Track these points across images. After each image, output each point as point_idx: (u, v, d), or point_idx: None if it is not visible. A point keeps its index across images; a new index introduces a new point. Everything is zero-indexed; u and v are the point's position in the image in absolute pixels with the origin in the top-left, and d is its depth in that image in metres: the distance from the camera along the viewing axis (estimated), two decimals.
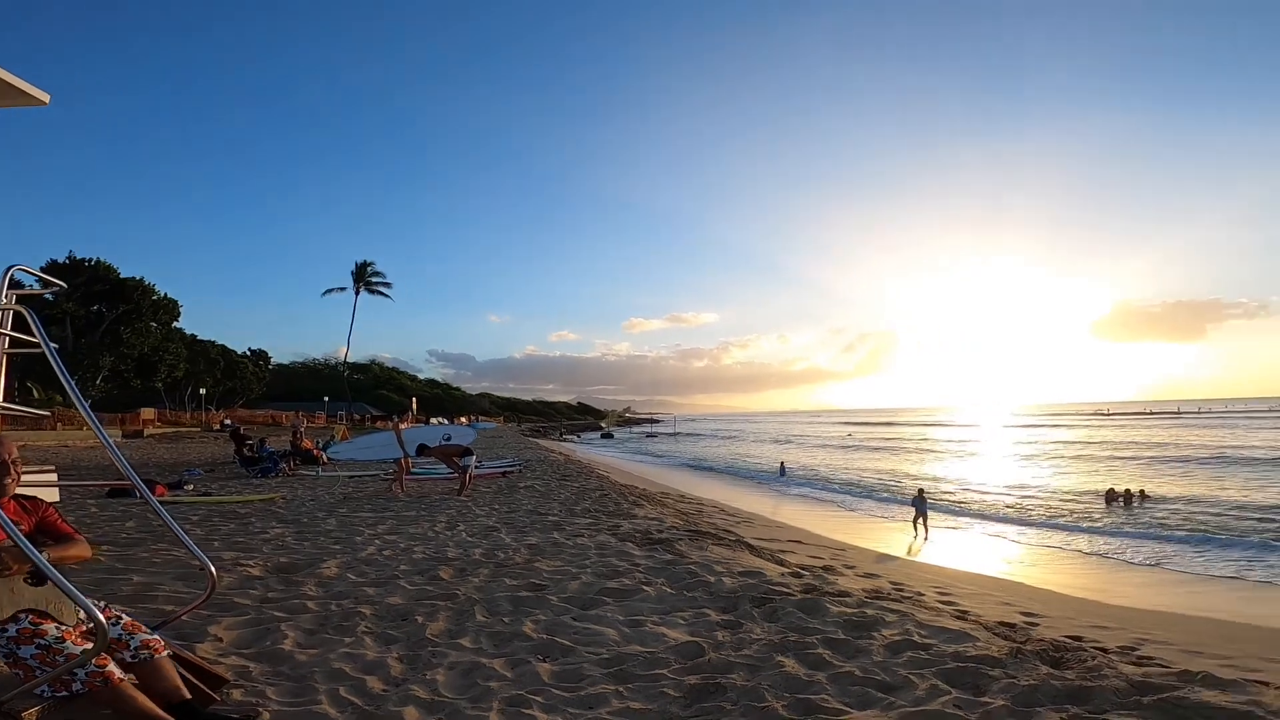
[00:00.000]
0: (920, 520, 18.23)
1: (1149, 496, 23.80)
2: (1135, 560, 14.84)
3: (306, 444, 24.58)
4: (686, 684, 4.37)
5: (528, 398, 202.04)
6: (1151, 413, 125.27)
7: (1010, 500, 26.04)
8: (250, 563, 8.07)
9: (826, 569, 10.10)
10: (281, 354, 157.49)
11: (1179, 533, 18.02)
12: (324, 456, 24.69)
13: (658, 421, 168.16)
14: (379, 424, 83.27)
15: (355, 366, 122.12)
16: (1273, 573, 13.07)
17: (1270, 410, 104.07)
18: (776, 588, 6.59)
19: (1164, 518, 20.39)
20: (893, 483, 31.24)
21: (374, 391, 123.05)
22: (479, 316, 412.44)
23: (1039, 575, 13.59)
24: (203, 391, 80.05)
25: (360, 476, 20.11)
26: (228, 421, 43.82)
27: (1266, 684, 5.41)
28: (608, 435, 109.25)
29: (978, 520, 21.41)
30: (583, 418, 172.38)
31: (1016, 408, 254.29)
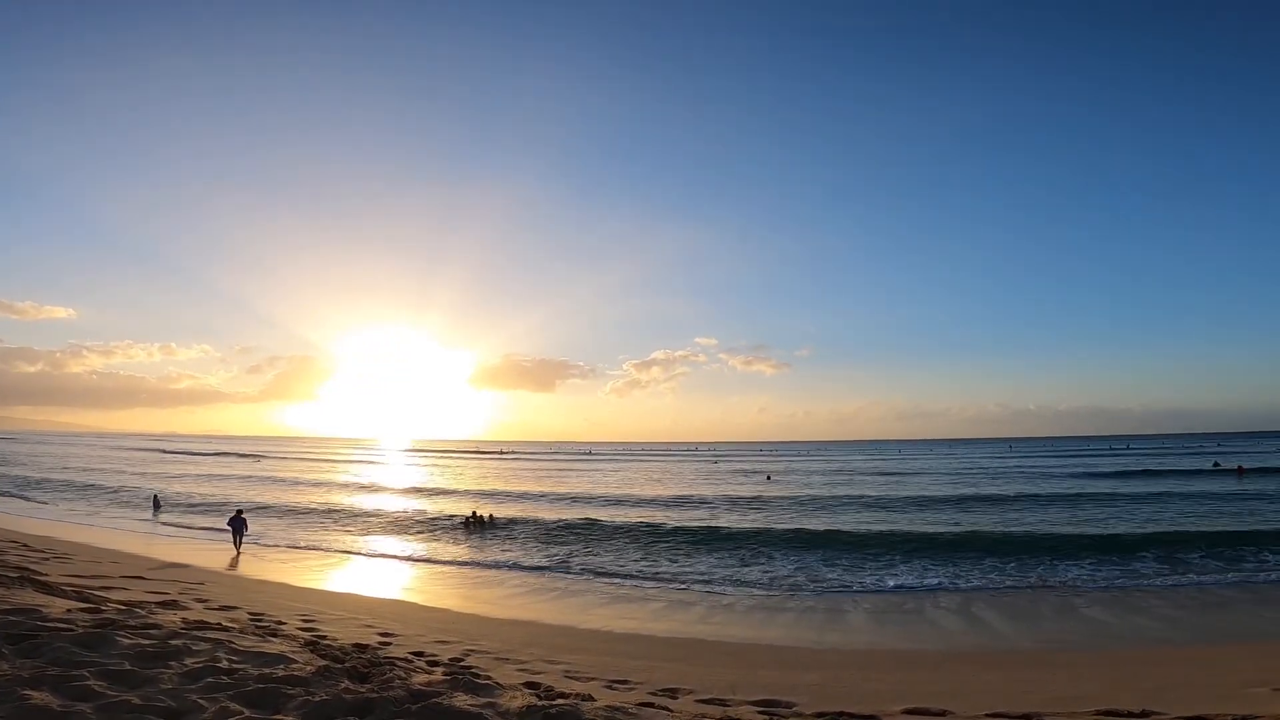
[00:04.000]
0: (238, 539, 19.91)
1: (497, 520, 27.72)
2: (483, 577, 17.57)
3: None
4: None
5: None
6: (511, 453, 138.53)
7: (393, 523, 28.38)
8: None
9: (165, 604, 8.93)
10: None
11: (526, 554, 21.59)
12: None
13: None
14: None
15: None
16: (570, 581, 17.10)
17: (585, 454, 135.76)
18: (52, 624, 5.53)
19: (509, 537, 24.86)
20: (285, 511, 29.46)
21: None
22: None
23: (411, 595, 14.92)
24: None
25: None
26: None
27: (537, 685, 7.13)
28: None
29: (363, 544, 22.49)
30: None
31: (416, 440, 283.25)
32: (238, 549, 19.45)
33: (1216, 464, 60.03)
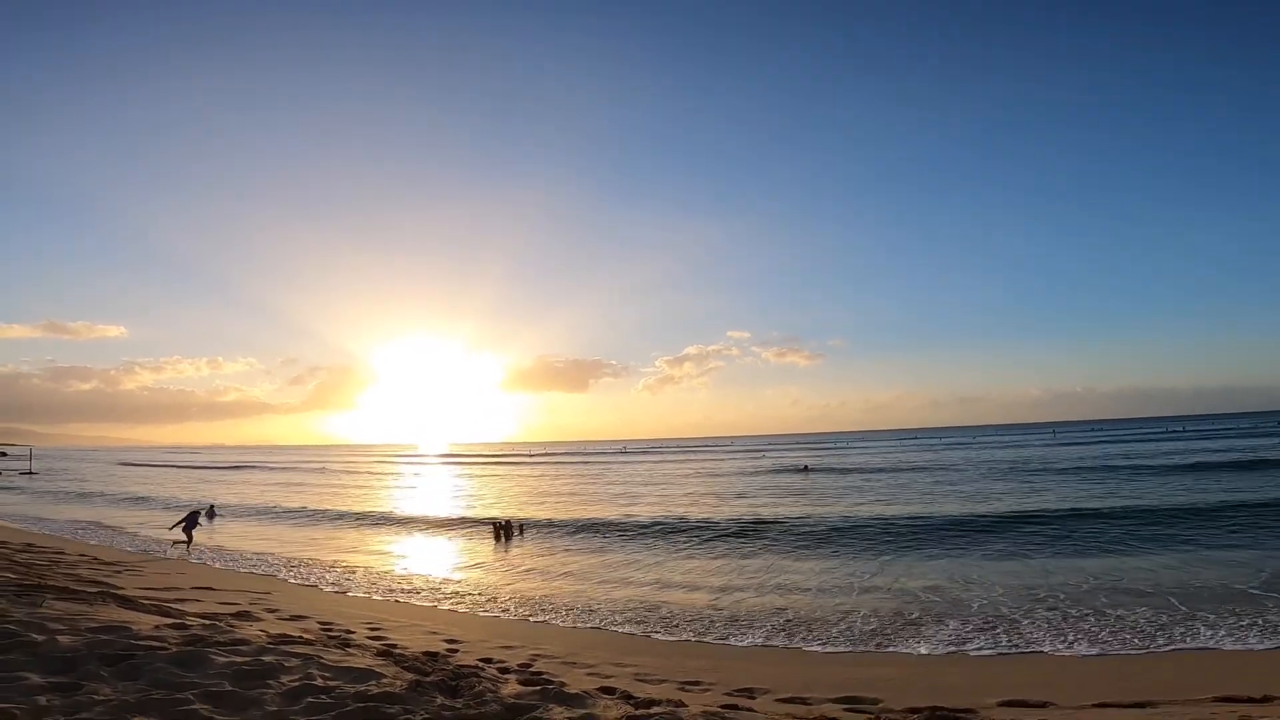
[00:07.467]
0: (189, 531, 21.60)
1: (524, 529, 26.61)
2: (529, 582, 17.57)
3: None
4: None
5: None
6: (543, 456, 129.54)
7: (432, 529, 28.15)
8: None
9: (240, 615, 9.03)
10: None
11: (564, 558, 20.89)
12: None
13: None
14: None
15: None
16: (617, 583, 16.75)
17: (619, 453, 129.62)
18: (145, 643, 5.47)
19: (541, 544, 24.47)
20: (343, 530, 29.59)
21: None
22: None
23: (464, 599, 15.09)
24: None
25: None
26: None
27: (613, 690, 7.03)
28: None
29: (407, 549, 22.37)
30: None
31: (452, 445, 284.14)
32: (189, 539, 21.69)
33: None
